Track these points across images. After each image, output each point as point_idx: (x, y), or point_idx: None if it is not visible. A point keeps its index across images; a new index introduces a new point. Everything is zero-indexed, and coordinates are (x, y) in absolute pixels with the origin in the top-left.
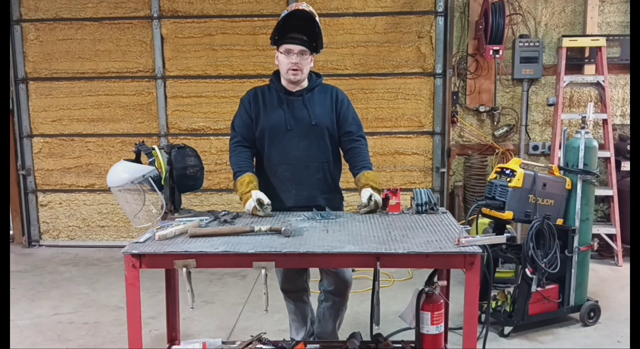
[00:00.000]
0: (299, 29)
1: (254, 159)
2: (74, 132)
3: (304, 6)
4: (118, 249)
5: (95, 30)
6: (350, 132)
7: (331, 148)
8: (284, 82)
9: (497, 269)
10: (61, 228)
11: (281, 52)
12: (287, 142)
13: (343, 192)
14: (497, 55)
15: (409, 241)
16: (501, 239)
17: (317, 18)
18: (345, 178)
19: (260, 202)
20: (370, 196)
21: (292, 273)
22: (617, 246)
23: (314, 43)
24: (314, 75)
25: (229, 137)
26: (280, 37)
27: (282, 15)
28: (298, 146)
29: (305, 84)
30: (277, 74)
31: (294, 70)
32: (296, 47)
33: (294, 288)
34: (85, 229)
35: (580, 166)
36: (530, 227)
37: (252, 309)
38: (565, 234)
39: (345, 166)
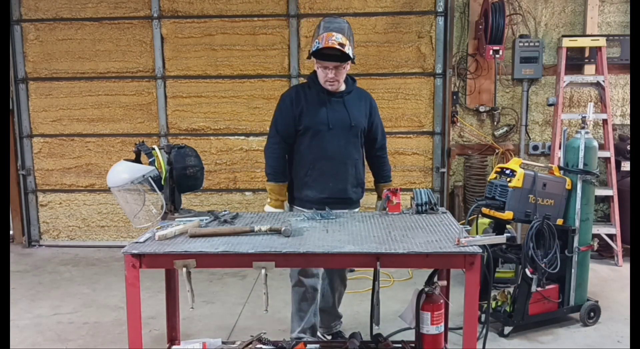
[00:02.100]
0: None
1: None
2: (74, 132)
3: (335, 43)
4: (118, 249)
5: (95, 30)
6: (376, 140)
7: (361, 146)
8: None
9: (497, 269)
10: (61, 228)
11: (318, 65)
12: (328, 139)
13: None
14: (497, 55)
15: (409, 241)
16: (501, 239)
17: (347, 48)
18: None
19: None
20: None
21: None
22: (617, 246)
23: (347, 53)
24: (349, 79)
25: (229, 137)
26: (315, 52)
27: (316, 45)
28: (338, 144)
29: (343, 86)
30: (315, 74)
31: (330, 82)
32: (331, 64)
33: (310, 272)
34: (85, 229)
35: (580, 166)
36: (530, 227)
37: (252, 309)
38: (565, 234)
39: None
